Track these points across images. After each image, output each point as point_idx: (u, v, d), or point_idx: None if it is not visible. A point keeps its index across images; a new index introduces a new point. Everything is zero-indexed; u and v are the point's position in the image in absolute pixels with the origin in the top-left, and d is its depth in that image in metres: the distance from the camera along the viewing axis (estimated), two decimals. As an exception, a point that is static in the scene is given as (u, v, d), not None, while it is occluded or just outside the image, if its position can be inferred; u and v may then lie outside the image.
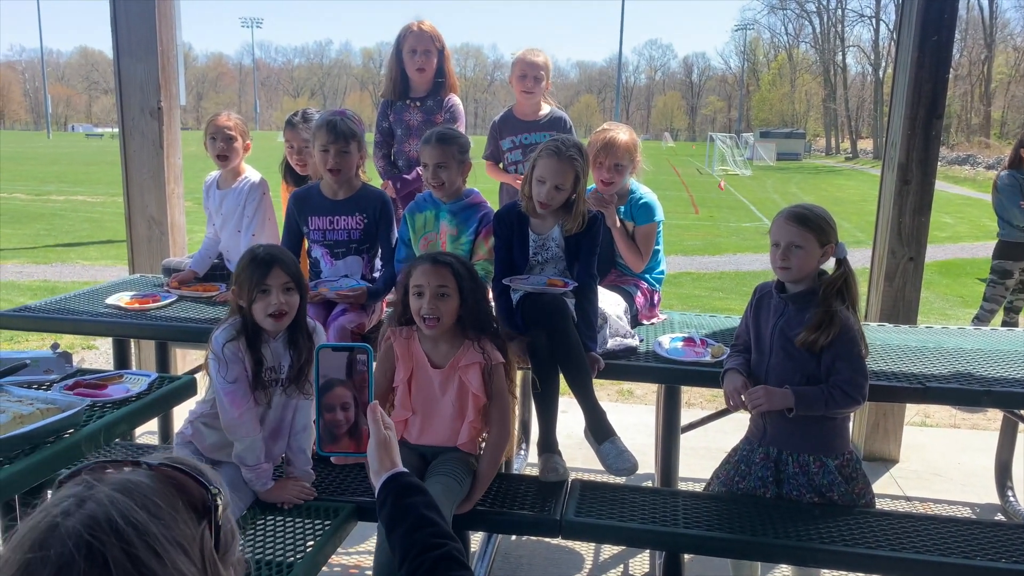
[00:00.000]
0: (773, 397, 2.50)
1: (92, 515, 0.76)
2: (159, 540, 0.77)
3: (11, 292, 8.45)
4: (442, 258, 2.59)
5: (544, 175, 2.86)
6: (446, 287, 2.52)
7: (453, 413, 2.61)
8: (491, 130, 4.09)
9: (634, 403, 5.28)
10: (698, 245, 13.05)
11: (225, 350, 2.41)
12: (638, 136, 3.38)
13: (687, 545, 2.51)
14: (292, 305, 2.45)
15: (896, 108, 4.09)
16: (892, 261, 4.12)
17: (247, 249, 2.53)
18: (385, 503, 1.40)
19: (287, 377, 2.51)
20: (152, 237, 4.64)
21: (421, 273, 2.54)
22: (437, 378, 2.60)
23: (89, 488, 0.80)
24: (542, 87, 3.91)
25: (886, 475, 4.15)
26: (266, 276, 2.40)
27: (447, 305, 2.53)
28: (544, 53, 3.93)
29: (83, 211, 16.28)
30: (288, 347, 2.52)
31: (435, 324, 2.53)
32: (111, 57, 4.60)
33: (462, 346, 2.60)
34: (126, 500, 0.78)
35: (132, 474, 0.84)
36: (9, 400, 2.12)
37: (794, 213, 2.51)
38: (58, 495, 0.80)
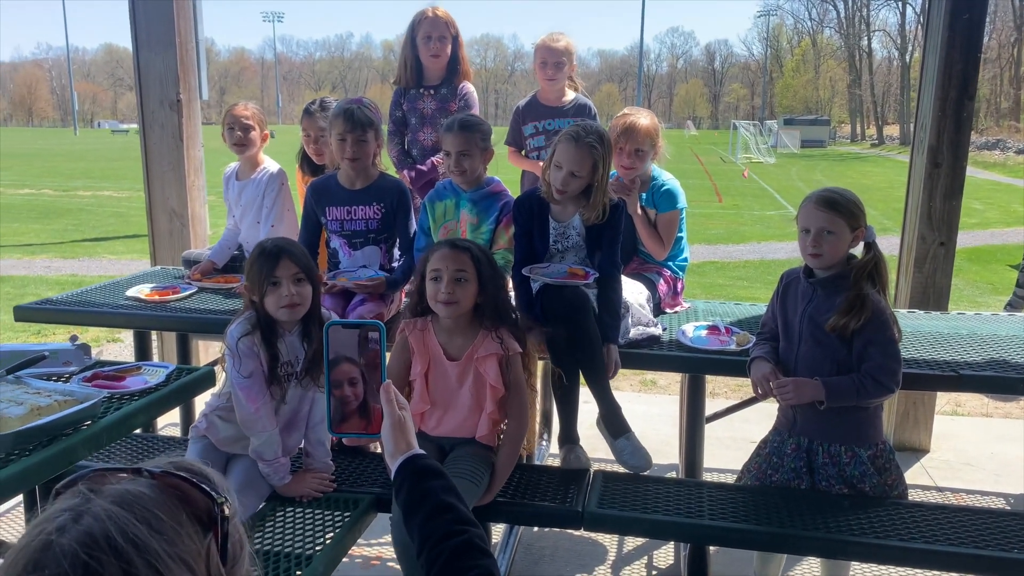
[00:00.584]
0: (802, 389, 2.44)
1: (89, 532, 0.72)
2: (160, 557, 0.73)
3: (40, 287, 8.55)
4: (461, 243, 2.54)
5: (561, 161, 2.80)
6: (464, 271, 2.47)
7: (471, 405, 2.57)
8: (514, 115, 4.03)
9: (657, 393, 5.22)
10: (722, 234, 12.92)
11: (240, 345, 2.39)
12: (659, 122, 3.31)
13: (712, 537, 2.46)
14: (304, 296, 2.42)
15: (926, 89, 3.98)
16: (922, 246, 4.02)
17: (257, 243, 2.51)
18: (402, 487, 1.35)
19: (302, 369, 2.49)
20: (173, 230, 4.65)
21: (439, 257, 2.49)
22: (454, 370, 2.57)
23: (86, 501, 0.76)
24: (564, 72, 3.84)
25: (917, 465, 4.06)
26: (275, 268, 2.37)
27: (465, 290, 2.48)
28: (566, 37, 3.84)
29: (109, 206, 16.47)
30: (303, 340, 2.49)
31: (453, 307, 2.47)
32: (131, 48, 4.60)
33: (478, 336, 2.56)
34: (125, 514, 0.74)
35: (132, 484, 0.79)
36: (27, 392, 2.11)
37: (823, 198, 2.44)
38: (54, 508, 0.76)
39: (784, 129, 45.60)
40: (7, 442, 1.84)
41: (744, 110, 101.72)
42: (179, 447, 2.97)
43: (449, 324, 2.55)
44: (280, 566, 2.12)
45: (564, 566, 3.10)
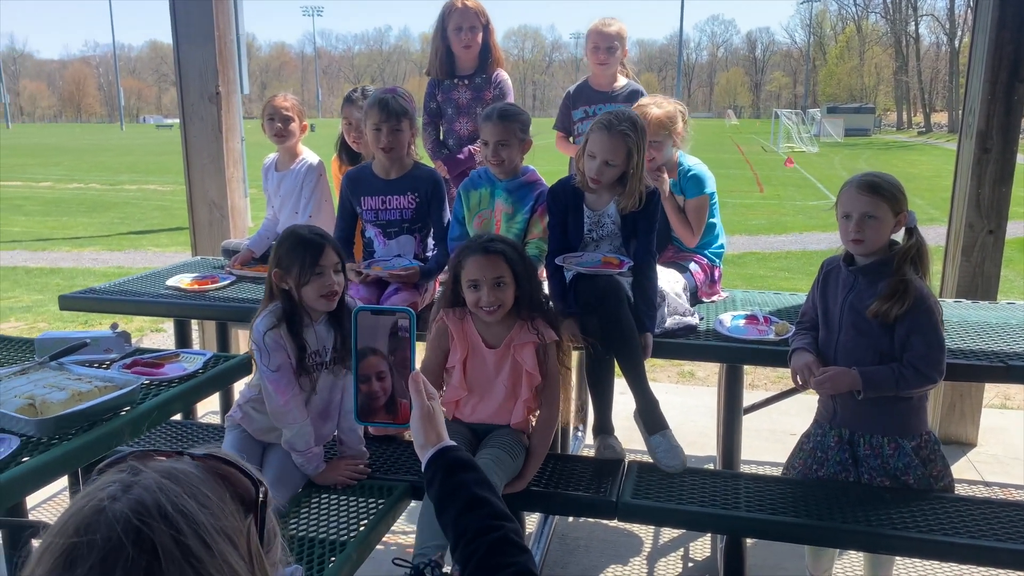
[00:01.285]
0: (839, 380, 2.38)
1: (140, 500, 0.73)
2: (207, 530, 0.74)
3: (87, 278, 8.76)
4: (492, 247, 2.51)
5: (594, 150, 2.77)
6: (502, 276, 2.48)
7: (507, 392, 2.57)
8: (564, 100, 3.99)
9: (695, 384, 5.16)
10: (763, 224, 12.72)
11: (266, 339, 2.40)
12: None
13: (749, 529, 2.42)
14: (342, 285, 2.45)
15: (975, 72, 3.85)
16: (970, 235, 3.90)
17: (287, 230, 2.49)
18: (434, 480, 1.33)
19: (331, 359, 2.50)
20: (213, 220, 4.72)
21: (475, 266, 2.48)
22: (492, 358, 2.57)
23: (135, 474, 0.77)
24: (616, 57, 3.80)
25: (963, 459, 3.96)
26: (319, 257, 2.37)
27: (505, 293, 2.50)
28: (618, 22, 3.81)
29: (154, 199, 16.80)
30: (331, 328, 2.50)
31: (496, 312, 2.50)
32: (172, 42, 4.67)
33: (515, 325, 2.56)
34: (174, 487, 0.76)
35: (177, 463, 0.81)
36: (69, 378, 2.16)
37: (865, 182, 2.37)
38: (102, 480, 0.78)
39: (827, 118, 44.65)
40: (49, 426, 1.88)
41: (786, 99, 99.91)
42: (217, 434, 3.02)
43: None
44: (315, 552, 2.14)
45: (599, 557, 3.08)
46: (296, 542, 2.18)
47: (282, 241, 2.45)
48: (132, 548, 0.69)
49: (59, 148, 36.80)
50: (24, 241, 11.46)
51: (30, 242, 11.40)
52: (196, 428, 3.14)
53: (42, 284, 8.48)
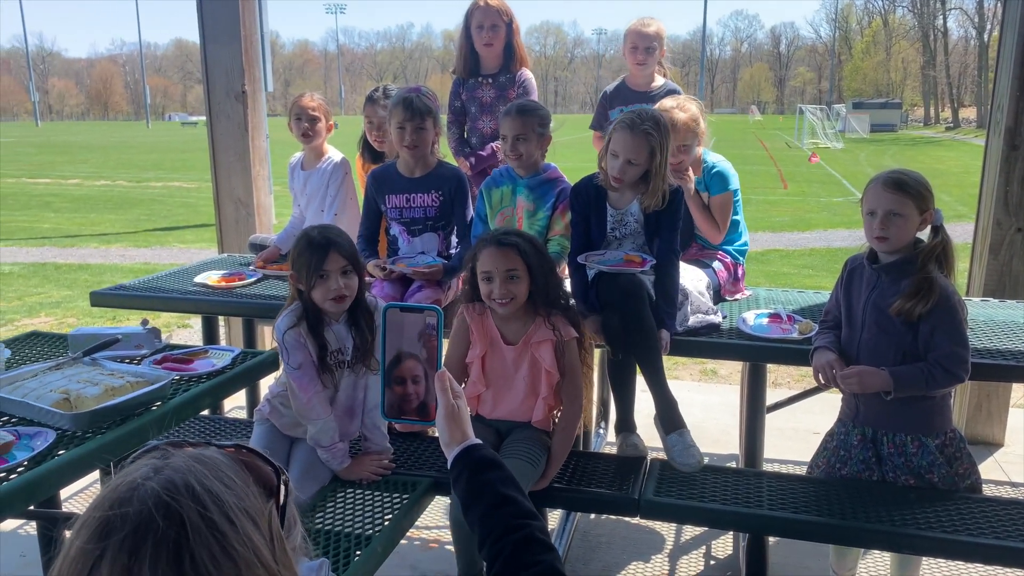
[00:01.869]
0: (868, 380, 2.36)
1: (171, 479, 0.79)
2: (232, 508, 0.79)
3: (115, 274, 8.89)
4: (506, 239, 2.52)
5: (617, 149, 2.77)
6: (515, 269, 2.48)
7: (526, 390, 2.58)
8: (601, 99, 4.01)
9: (718, 382, 5.15)
10: (786, 221, 12.62)
11: (287, 337, 2.44)
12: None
13: (772, 527, 2.42)
14: (352, 287, 2.45)
15: (1004, 67, 3.80)
16: (998, 232, 3.86)
17: (302, 232, 2.51)
18: (459, 479, 1.34)
19: (352, 358, 2.53)
20: (239, 218, 4.77)
21: (488, 258, 2.50)
22: (510, 355, 2.58)
23: (166, 458, 0.83)
24: (655, 58, 3.81)
25: (990, 459, 3.92)
26: (323, 262, 2.38)
27: (518, 286, 2.50)
28: (657, 22, 3.81)
29: (179, 196, 17.00)
30: (351, 328, 2.53)
31: (508, 304, 2.51)
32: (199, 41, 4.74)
33: (534, 323, 2.57)
34: (202, 468, 0.82)
35: (205, 451, 0.87)
36: (102, 373, 2.20)
37: (891, 179, 2.35)
38: (135, 464, 0.84)
39: (853, 113, 44.17)
40: (84, 420, 1.93)
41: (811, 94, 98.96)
42: (244, 429, 3.06)
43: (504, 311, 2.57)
44: (340, 546, 2.17)
45: (620, 554, 3.09)
46: (322, 536, 2.21)
47: (296, 243, 2.48)
48: (162, 521, 0.75)
49: (87, 146, 37.31)
50: (53, 237, 11.65)
51: (59, 238, 11.59)
52: (223, 423, 3.18)
53: (71, 280, 8.62)
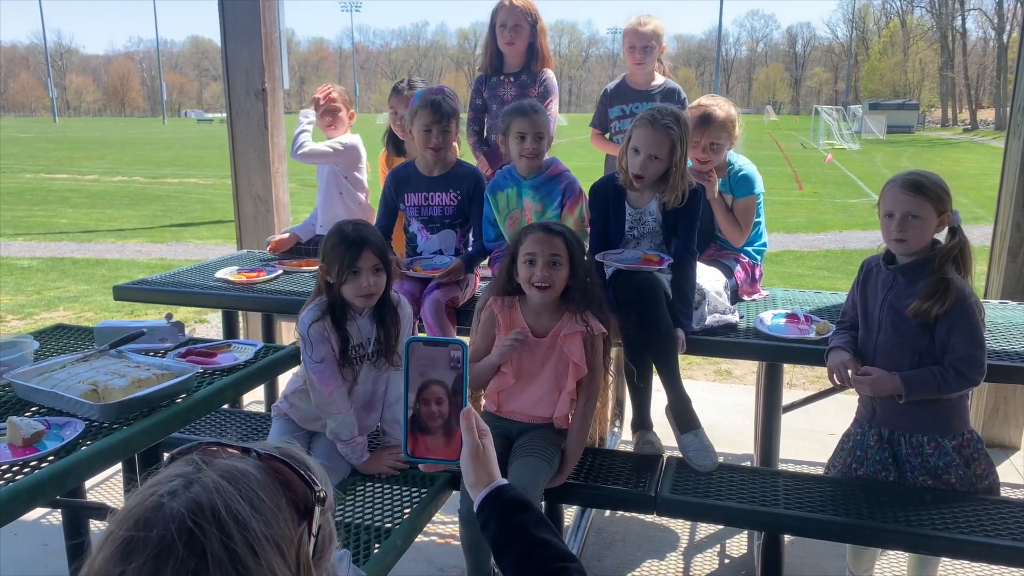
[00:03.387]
0: (879, 384, 2.38)
1: (197, 500, 0.77)
2: (257, 537, 0.77)
3: (131, 269, 8.98)
4: (555, 227, 2.57)
5: (639, 145, 2.79)
6: (559, 256, 2.51)
7: (551, 383, 2.59)
8: (601, 98, 4.03)
9: (732, 382, 5.15)
10: (801, 222, 12.57)
11: (311, 331, 2.47)
12: (737, 109, 3.24)
13: (788, 526, 2.43)
14: (380, 285, 2.49)
15: (1023, 70, 3.79)
16: (1017, 235, 3.85)
17: (335, 225, 2.54)
18: (489, 522, 1.29)
19: (374, 351, 2.56)
20: (258, 214, 4.82)
21: (534, 241, 2.52)
22: (539, 348, 2.59)
23: (198, 470, 0.81)
24: (653, 56, 3.83)
25: (1006, 462, 3.91)
26: (357, 259, 2.43)
27: (558, 274, 2.52)
28: (654, 20, 3.82)
29: (195, 193, 17.12)
30: (374, 322, 2.56)
31: (546, 291, 2.52)
32: (219, 44, 4.78)
33: (564, 316, 2.58)
34: (231, 489, 0.79)
35: (240, 462, 0.84)
36: (128, 366, 2.24)
37: (909, 181, 2.35)
38: (168, 472, 0.82)
39: (869, 114, 43.85)
40: (113, 411, 1.97)
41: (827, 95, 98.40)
42: (262, 423, 3.10)
43: (537, 304, 2.59)
44: (360, 538, 2.20)
45: (635, 551, 3.11)
46: (342, 528, 2.24)
47: (329, 235, 2.52)
48: (183, 549, 0.74)
49: (104, 142, 37.60)
50: (71, 233, 11.76)
51: (77, 233, 11.70)
52: (242, 416, 3.22)
53: (88, 275, 8.70)
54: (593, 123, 4.05)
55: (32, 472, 1.73)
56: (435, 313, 3.07)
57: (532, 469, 2.42)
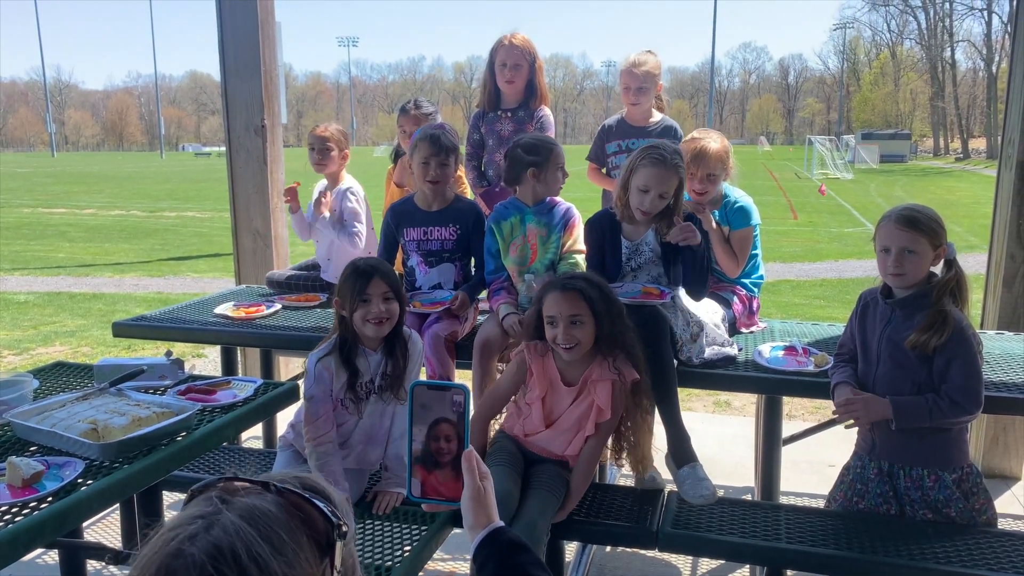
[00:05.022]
0: (871, 408, 2.39)
1: (217, 544, 0.76)
2: None
3: (129, 304, 8.98)
4: (570, 284, 2.51)
5: (649, 184, 2.83)
6: (579, 315, 2.47)
7: (573, 425, 2.58)
8: (599, 133, 4.07)
9: (732, 414, 5.14)
10: (797, 252, 12.64)
11: (316, 366, 2.51)
12: (731, 140, 3.30)
13: (790, 561, 2.41)
14: (392, 313, 2.52)
15: (1014, 102, 3.85)
16: (1011, 265, 3.87)
17: (350, 261, 2.62)
18: (487, 564, 1.29)
19: (381, 384, 2.57)
20: (257, 249, 4.84)
21: (552, 302, 2.50)
22: (569, 396, 2.58)
23: (217, 511, 0.80)
24: (649, 96, 3.85)
25: (1007, 493, 3.90)
26: (367, 286, 2.48)
27: (583, 331, 2.48)
28: (651, 59, 3.81)
29: (193, 226, 17.17)
30: (385, 356, 2.58)
31: (572, 349, 2.49)
32: (218, 79, 4.84)
33: (595, 362, 2.55)
34: (251, 531, 0.78)
35: (260, 499, 0.83)
36: (128, 404, 2.24)
37: (904, 216, 2.38)
38: (187, 513, 0.81)
39: (862, 144, 44.34)
40: (112, 450, 1.96)
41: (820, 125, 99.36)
42: (263, 459, 3.09)
43: None
44: None
45: (637, 587, 3.08)
46: (342, 567, 2.22)
47: (344, 271, 2.58)
48: None
49: (102, 176, 37.77)
50: (68, 267, 11.78)
51: (74, 268, 11.71)
52: (241, 453, 3.20)
53: (85, 309, 8.70)
54: (590, 157, 4.09)
55: (32, 513, 1.72)
56: (434, 347, 3.07)
57: (542, 504, 2.41)
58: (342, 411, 2.57)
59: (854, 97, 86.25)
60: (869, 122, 73.20)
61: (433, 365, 3.07)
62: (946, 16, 63.74)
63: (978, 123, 64.89)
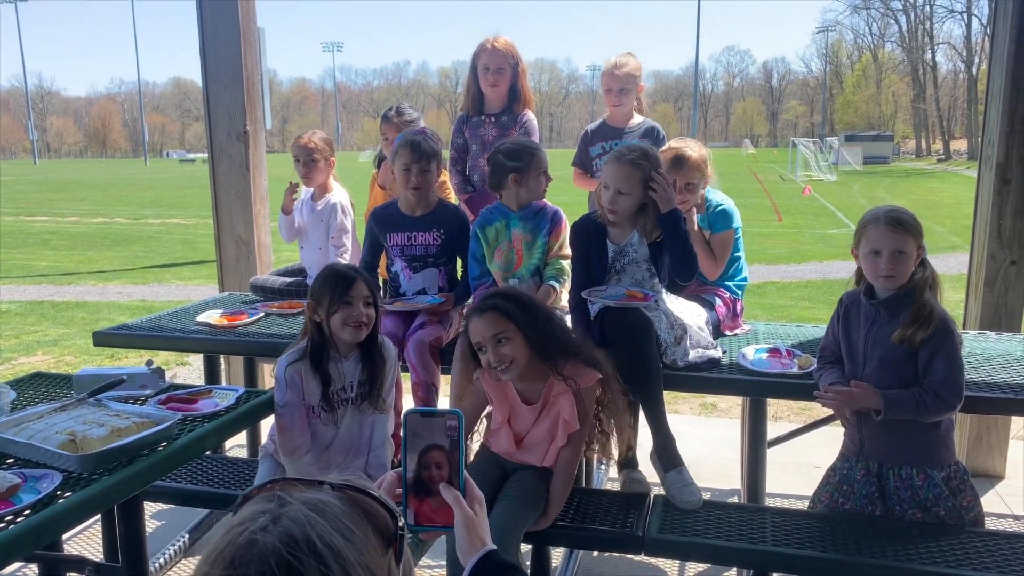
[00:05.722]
0: (855, 397, 2.40)
1: (289, 532, 0.75)
2: (353, 565, 0.76)
3: (112, 312, 8.90)
4: (484, 304, 2.47)
5: (608, 181, 2.86)
6: (502, 332, 2.41)
7: (543, 437, 2.56)
8: (582, 138, 4.09)
9: (718, 416, 5.15)
10: (782, 253, 12.70)
11: (286, 373, 2.49)
12: (712, 145, 3.31)
13: (776, 564, 2.41)
14: (371, 318, 2.51)
15: (993, 105, 3.88)
16: (992, 266, 3.90)
17: (326, 265, 2.59)
18: None
19: (358, 394, 2.55)
20: (240, 256, 4.80)
21: (474, 330, 2.44)
22: (532, 414, 2.56)
23: (282, 505, 0.79)
24: (631, 97, 3.88)
25: (991, 492, 3.92)
26: (350, 288, 2.46)
27: (512, 347, 2.42)
28: (631, 61, 3.86)
29: (177, 233, 17.05)
30: (359, 364, 2.55)
31: (511, 369, 2.44)
32: (201, 86, 4.81)
33: (551, 377, 2.51)
34: (321, 521, 0.78)
35: (320, 493, 0.83)
36: (108, 414, 2.21)
37: (893, 218, 2.39)
38: (251, 509, 0.80)
39: (845, 146, 44.67)
40: (91, 462, 1.94)
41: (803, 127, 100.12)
42: (247, 468, 3.06)
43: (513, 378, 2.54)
44: (345, 586, 2.16)
45: (624, 591, 3.08)
46: None
47: (318, 276, 2.55)
48: None
49: (85, 183, 37.49)
50: (51, 275, 11.66)
51: (57, 276, 11.60)
52: (225, 462, 3.17)
53: (68, 318, 8.61)
54: (575, 163, 4.10)
55: (7, 527, 1.70)
56: (419, 353, 3.06)
57: (511, 514, 2.39)
58: (316, 421, 2.55)
59: (837, 99, 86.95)
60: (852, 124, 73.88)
61: (418, 371, 3.06)
62: (927, 19, 64.45)
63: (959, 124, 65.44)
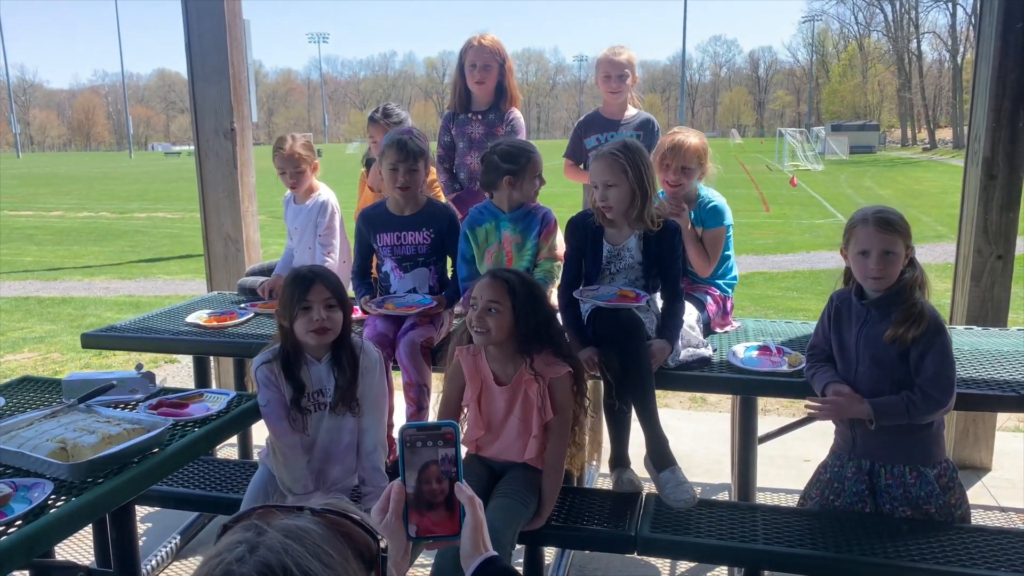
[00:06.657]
0: (843, 408, 2.43)
1: (266, 562, 0.75)
2: None
3: (99, 307, 8.83)
4: (500, 274, 2.55)
5: (594, 179, 2.88)
6: (497, 303, 2.47)
7: (519, 429, 2.57)
8: (576, 129, 4.09)
9: (708, 410, 5.18)
10: (770, 244, 12.75)
11: (258, 373, 2.48)
12: (705, 136, 3.33)
13: (768, 562, 2.43)
14: (335, 321, 2.46)
15: (979, 99, 3.90)
16: (979, 260, 3.93)
17: (291, 269, 2.58)
18: None
19: (334, 399, 2.53)
20: (228, 254, 4.78)
21: (479, 287, 2.53)
22: (503, 396, 2.57)
23: (260, 534, 0.79)
24: (628, 85, 3.91)
25: (978, 484, 3.96)
26: (307, 292, 2.42)
27: (496, 320, 2.47)
28: (628, 50, 3.90)
29: (163, 227, 16.94)
30: (333, 368, 2.54)
31: (483, 336, 2.49)
32: (186, 79, 4.77)
33: (524, 363, 2.55)
34: (298, 547, 0.77)
35: (299, 519, 0.83)
36: (98, 420, 2.20)
37: (882, 219, 2.40)
38: (229, 539, 0.80)
39: (832, 135, 44.79)
40: (82, 470, 1.93)
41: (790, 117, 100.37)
42: (239, 470, 3.05)
43: (494, 351, 2.57)
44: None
45: (617, 588, 3.09)
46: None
47: (285, 279, 2.54)
48: None
49: (69, 177, 37.14)
50: (36, 271, 11.57)
51: (42, 272, 11.51)
52: (218, 464, 3.16)
53: (54, 314, 8.55)
54: (567, 153, 4.10)
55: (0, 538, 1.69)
56: (410, 353, 3.05)
57: (506, 513, 2.40)
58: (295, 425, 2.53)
59: (823, 89, 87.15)
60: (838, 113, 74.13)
61: (410, 372, 3.05)
62: (912, 8, 64.57)
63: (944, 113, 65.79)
